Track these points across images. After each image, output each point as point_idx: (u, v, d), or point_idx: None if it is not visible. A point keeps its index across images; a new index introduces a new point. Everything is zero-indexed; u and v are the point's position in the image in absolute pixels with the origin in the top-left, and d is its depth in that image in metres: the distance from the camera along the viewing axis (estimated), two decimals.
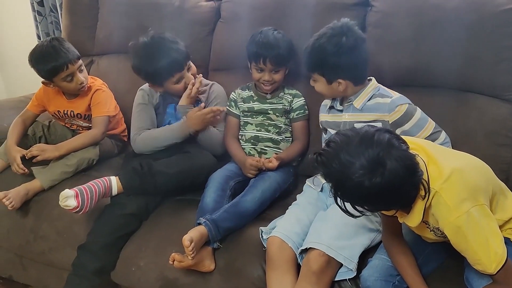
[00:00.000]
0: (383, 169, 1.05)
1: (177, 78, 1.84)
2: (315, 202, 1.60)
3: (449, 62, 1.71)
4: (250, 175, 1.77)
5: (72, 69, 1.89)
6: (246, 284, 1.47)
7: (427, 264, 1.33)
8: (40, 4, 2.86)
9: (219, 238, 1.52)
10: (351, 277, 1.36)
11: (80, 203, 1.57)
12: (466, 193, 1.10)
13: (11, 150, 1.88)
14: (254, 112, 1.91)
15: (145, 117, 1.92)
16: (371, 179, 1.05)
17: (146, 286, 1.60)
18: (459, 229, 1.09)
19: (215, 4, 2.20)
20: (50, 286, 1.93)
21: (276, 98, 1.90)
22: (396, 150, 1.08)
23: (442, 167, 1.13)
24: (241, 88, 1.98)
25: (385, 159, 1.05)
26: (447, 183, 1.11)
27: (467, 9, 1.68)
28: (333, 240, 1.36)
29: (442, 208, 1.11)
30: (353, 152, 1.07)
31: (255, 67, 1.84)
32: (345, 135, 1.12)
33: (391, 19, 1.82)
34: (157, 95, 1.96)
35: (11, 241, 1.85)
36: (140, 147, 1.88)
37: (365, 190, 1.06)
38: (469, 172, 1.15)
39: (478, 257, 1.10)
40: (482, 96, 1.71)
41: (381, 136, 1.09)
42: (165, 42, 1.82)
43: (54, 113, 2.05)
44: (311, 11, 1.96)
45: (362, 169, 1.05)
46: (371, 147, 1.06)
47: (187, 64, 1.86)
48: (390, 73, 1.79)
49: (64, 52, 1.87)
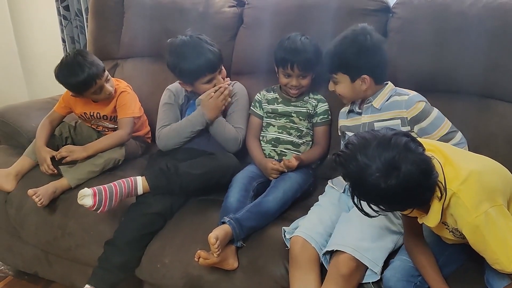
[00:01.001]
0: (398, 172, 1.08)
1: (208, 78, 1.89)
2: (337, 203, 1.63)
3: (470, 68, 1.74)
4: (272, 177, 1.80)
5: (101, 83, 1.94)
6: (268, 282, 1.50)
7: (448, 266, 1.35)
8: (65, 8, 2.94)
9: (243, 237, 1.55)
10: (374, 280, 1.38)
11: (96, 202, 1.62)
12: (484, 194, 1.13)
13: (41, 151, 1.94)
14: (277, 114, 1.94)
15: (170, 115, 1.98)
16: (386, 181, 1.08)
17: (170, 283, 1.64)
18: (477, 229, 1.11)
19: (238, 10, 2.25)
20: (75, 282, 1.98)
21: (301, 101, 1.93)
22: (412, 154, 1.11)
23: (459, 168, 1.16)
24: (266, 89, 2.02)
25: (401, 162, 1.09)
26: (464, 184, 1.13)
27: (489, 16, 1.70)
28: (357, 242, 1.38)
29: (460, 209, 1.13)
30: (370, 155, 1.11)
31: (282, 72, 1.87)
32: (363, 138, 1.16)
33: (412, 25, 1.85)
34: (183, 95, 2.01)
35: (38, 237, 1.90)
36: (164, 141, 1.93)
37: (381, 191, 1.10)
38: (487, 173, 1.18)
39: (496, 257, 1.12)
40: (503, 103, 1.73)
41: (398, 140, 1.12)
42: (203, 42, 1.89)
43: (80, 115, 2.10)
44: (333, 16, 1.99)
45: (378, 171, 1.09)
46: (388, 151, 1.10)
47: (220, 66, 1.92)
48: (412, 78, 1.82)
49: (88, 67, 1.89)
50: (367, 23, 1.73)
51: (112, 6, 2.44)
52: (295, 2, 2.09)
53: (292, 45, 1.82)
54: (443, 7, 1.80)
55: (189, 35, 1.91)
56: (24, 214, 1.91)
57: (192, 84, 1.93)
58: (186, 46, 1.88)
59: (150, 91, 2.25)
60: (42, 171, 1.93)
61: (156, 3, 2.33)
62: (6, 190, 1.94)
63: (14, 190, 1.95)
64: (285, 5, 2.11)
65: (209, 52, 1.86)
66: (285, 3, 2.12)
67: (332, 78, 1.70)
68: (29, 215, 1.90)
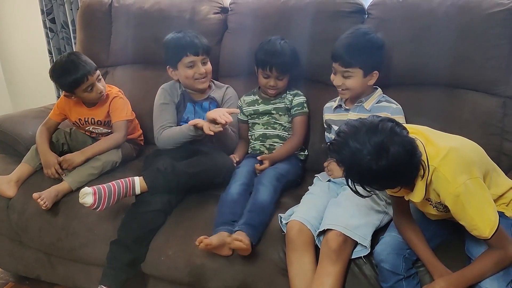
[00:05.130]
0: (387, 154, 1.20)
1: (189, 60, 2.03)
2: (327, 191, 1.75)
3: (442, 62, 1.89)
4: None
5: (92, 80, 2.03)
6: (269, 266, 1.61)
7: (433, 240, 1.47)
8: (51, 21, 3.01)
9: (259, 236, 1.64)
10: (365, 254, 1.50)
11: (96, 201, 1.70)
12: (462, 167, 1.26)
13: (47, 155, 2.01)
14: (259, 113, 2.08)
15: (166, 116, 2.08)
16: (377, 163, 1.20)
17: (175, 273, 1.72)
18: (457, 199, 1.24)
19: (222, 16, 2.37)
20: (77, 283, 2.04)
21: (279, 98, 2.07)
22: (398, 137, 1.23)
23: (439, 147, 1.29)
24: (246, 95, 2.15)
25: (389, 145, 1.20)
26: (444, 160, 1.26)
27: (457, 13, 1.86)
28: (348, 221, 1.51)
29: (441, 182, 1.26)
30: (361, 140, 1.22)
31: (262, 73, 2.00)
32: (353, 126, 1.27)
33: (387, 25, 1.98)
34: (178, 94, 2.13)
35: (42, 240, 1.96)
36: (163, 143, 2.03)
37: (373, 172, 1.21)
38: (463, 149, 1.32)
39: (474, 223, 1.25)
40: (473, 92, 1.88)
41: (385, 125, 1.24)
42: (194, 33, 2.09)
43: (75, 121, 2.18)
44: (312, 19, 2.11)
45: (369, 154, 1.20)
46: (376, 135, 1.21)
47: (202, 55, 2.05)
48: (388, 73, 1.96)
49: (82, 65, 2.01)
50: (344, 25, 1.88)
51: (100, 16, 2.53)
52: (276, 7, 2.21)
53: (272, 48, 1.96)
54: (414, 6, 1.95)
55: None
56: (27, 218, 1.97)
57: (175, 67, 2.07)
58: (177, 33, 2.09)
59: (141, 96, 2.34)
60: (47, 174, 2.00)
61: (144, 12, 2.42)
62: (8, 196, 2.00)
63: (15, 196, 2.01)
64: (266, 11, 2.23)
65: (195, 37, 2.05)
66: (267, 9, 2.24)
67: (344, 72, 1.77)
68: (32, 218, 1.96)
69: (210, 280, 1.68)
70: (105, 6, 2.53)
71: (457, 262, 1.39)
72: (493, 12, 1.81)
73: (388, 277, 1.42)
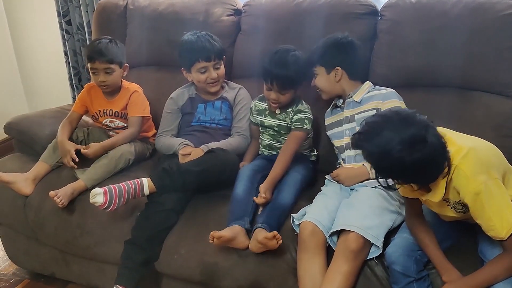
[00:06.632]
0: (423, 145, 1.19)
1: (201, 66, 2.07)
2: (339, 191, 1.76)
3: (455, 64, 1.89)
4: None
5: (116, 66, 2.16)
6: (280, 264, 1.62)
7: (444, 241, 1.48)
8: (68, 23, 3.06)
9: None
10: (377, 255, 1.51)
11: (107, 200, 1.73)
12: (482, 167, 1.27)
13: (64, 144, 2.06)
14: (264, 126, 2.05)
15: (168, 123, 2.20)
16: (412, 154, 1.19)
17: (187, 272, 1.75)
18: (477, 197, 1.24)
19: (236, 18, 2.39)
20: (91, 280, 2.08)
21: (283, 114, 1.97)
22: (432, 129, 1.23)
23: (459, 146, 1.29)
24: (259, 99, 2.09)
25: (426, 136, 1.20)
26: (465, 158, 1.27)
27: (470, 14, 1.86)
28: (361, 221, 1.51)
29: (462, 179, 1.26)
30: (394, 129, 1.21)
31: (264, 84, 1.94)
32: (384, 115, 1.28)
33: (400, 26, 1.99)
34: (186, 98, 2.18)
35: (58, 237, 2.00)
36: (158, 148, 2.20)
37: (406, 164, 1.20)
38: (482, 150, 1.32)
39: (492, 223, 1.25)
40: (486, 94, 1.88)
41: (421, 117, 1.24)
42: (208, 36, 2.11)
43: (95, 112, 2.25)
44: (325, 21, 2.12)
45: (401, 144, 1.19)
46: (413, 125, 1.21)
47: (214, 60, 2.07)
48: (401, 75, 1.97)
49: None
50: (357, 26, 1.88)
51: (115, 19, 2.56)
52: (289, 9, 2.22)
53: (277, 61, 1.85)
54: (427, 8, 1.95)
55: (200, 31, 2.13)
56: (43, 216, 2.00)
57: (189, 71, 2.12)
58: (193, 35, 2.11)
59: (155, 98, 2.36)
60: (64, 163, 2.05)
61: (158, 14, 2.45)
62: (25, 194, 2.04)
63: (32, 193, 2.04)
64: (279, 12, 2.25)
65: (207, 42, 2.07)
66: (280, 11, 2.25)
67: (314, 73, 1.90)
68: (48, 217, 1.99)
69: (222, 279, 1.70)
70: (120, 8, 2.56)
71: (468, 264, 1.40)
72: (506, 14, 1.81)
73: (399, 279, 1.43)
